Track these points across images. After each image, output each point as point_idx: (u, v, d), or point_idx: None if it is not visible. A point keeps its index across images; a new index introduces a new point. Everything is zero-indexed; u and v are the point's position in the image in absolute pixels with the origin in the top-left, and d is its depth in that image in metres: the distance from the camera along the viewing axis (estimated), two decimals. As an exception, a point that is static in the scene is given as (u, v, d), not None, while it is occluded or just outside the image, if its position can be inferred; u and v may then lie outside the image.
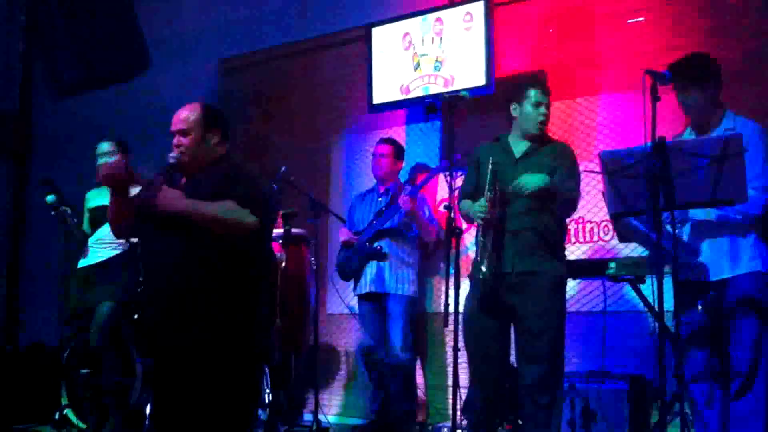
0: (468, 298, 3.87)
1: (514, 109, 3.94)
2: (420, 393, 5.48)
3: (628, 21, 5.17)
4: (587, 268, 4.23)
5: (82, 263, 5.18)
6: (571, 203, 3.86)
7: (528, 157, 3.89)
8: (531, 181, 3.73)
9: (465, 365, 4.16)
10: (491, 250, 3.70)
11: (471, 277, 3.92)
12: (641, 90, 3.28)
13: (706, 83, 3.56)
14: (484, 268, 3.69)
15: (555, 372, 3.74)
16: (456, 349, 3.68)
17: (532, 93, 3.88)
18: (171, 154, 3.46)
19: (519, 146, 3.94)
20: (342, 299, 5.80)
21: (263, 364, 4.90)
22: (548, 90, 3.95)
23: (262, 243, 3.55)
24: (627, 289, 4.24)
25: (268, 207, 3.50)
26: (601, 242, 5.04)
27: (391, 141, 5.47)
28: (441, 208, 5.24)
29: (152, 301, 3.45)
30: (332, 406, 5.97)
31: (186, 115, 3.47)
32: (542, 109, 3.89)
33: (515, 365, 3.93)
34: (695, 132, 3.65)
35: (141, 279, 3.83)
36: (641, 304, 4.06)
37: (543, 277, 3.74)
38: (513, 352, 3.93)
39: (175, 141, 3.48)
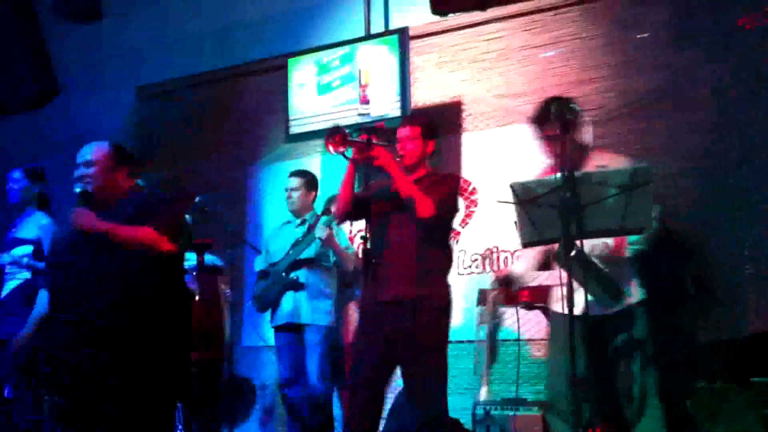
0: (356, 329, 4.03)
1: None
2: (338, 425, 5.42)
3: (540, 55, 5.31)
4: (501, 297, 4.28)
5: None
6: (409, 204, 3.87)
7: None
8: None
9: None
10: (373, 280, 3.80)
11: (359, 307, 4.09)
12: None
13: (571, 125, 3.58)
14: (367, 297, 3.83)
15: (440, 387, 3.83)
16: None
17: (397, 132, 4.12)
18: (76, 186, 3.48)
19: None
20: (257, 331, 5.72)
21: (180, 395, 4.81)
22: (403, 127, 4.11)
23: (178, 271, 3.57)
24: (541, 317, 4.29)
25: (183, 234, 3.56)
26: (515, 271, 5.08)
27: (301, 173, 5.42)
28: (358, 238, 5.22)
29: (68, 325, 3.43)
30: (248, 440, 5.87)
31: (92, 149, 3.57)
32: (399, 145, 4.09)
33: None
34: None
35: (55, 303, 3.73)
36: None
37: (425, 302, 3.81)
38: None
39: (79, 172, 3.49)
